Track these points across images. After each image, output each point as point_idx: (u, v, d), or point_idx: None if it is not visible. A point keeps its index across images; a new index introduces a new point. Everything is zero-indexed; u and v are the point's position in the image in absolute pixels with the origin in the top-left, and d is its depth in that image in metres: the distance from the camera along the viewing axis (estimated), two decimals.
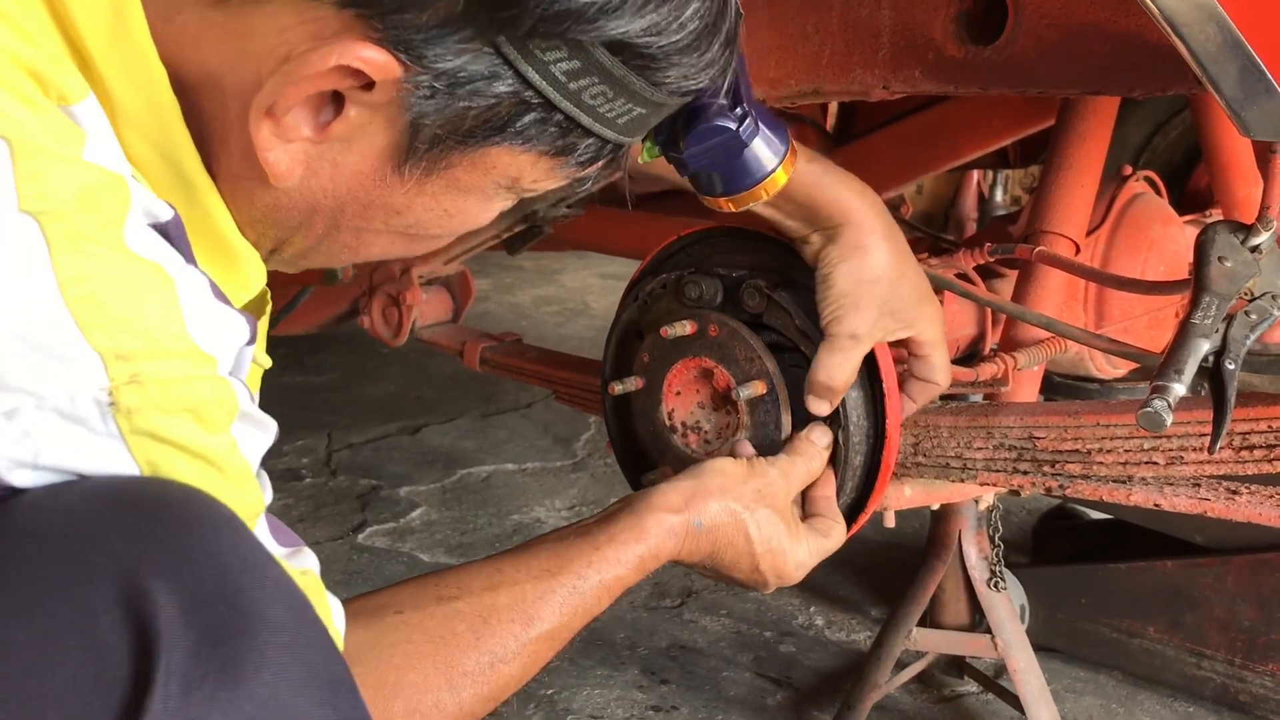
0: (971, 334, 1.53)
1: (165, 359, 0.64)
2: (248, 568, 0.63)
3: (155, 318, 0.64)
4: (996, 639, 1.64)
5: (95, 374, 0.61)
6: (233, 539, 0.64)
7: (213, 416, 0.67)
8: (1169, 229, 1.69)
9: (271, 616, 0.61)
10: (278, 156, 0.72)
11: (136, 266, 0.64)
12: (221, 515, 0.65)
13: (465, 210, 0.81)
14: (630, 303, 1.32)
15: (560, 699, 1.85)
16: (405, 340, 1.87)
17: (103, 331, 0.61)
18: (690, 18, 0.73)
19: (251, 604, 0.61)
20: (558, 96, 0.73)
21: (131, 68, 0.68)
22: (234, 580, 0.61)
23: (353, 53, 0.67)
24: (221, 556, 0.62)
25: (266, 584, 0.63)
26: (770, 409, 1.19)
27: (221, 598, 0.60)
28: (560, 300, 4.71)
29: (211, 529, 0.63)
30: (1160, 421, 1.04)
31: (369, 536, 2.47)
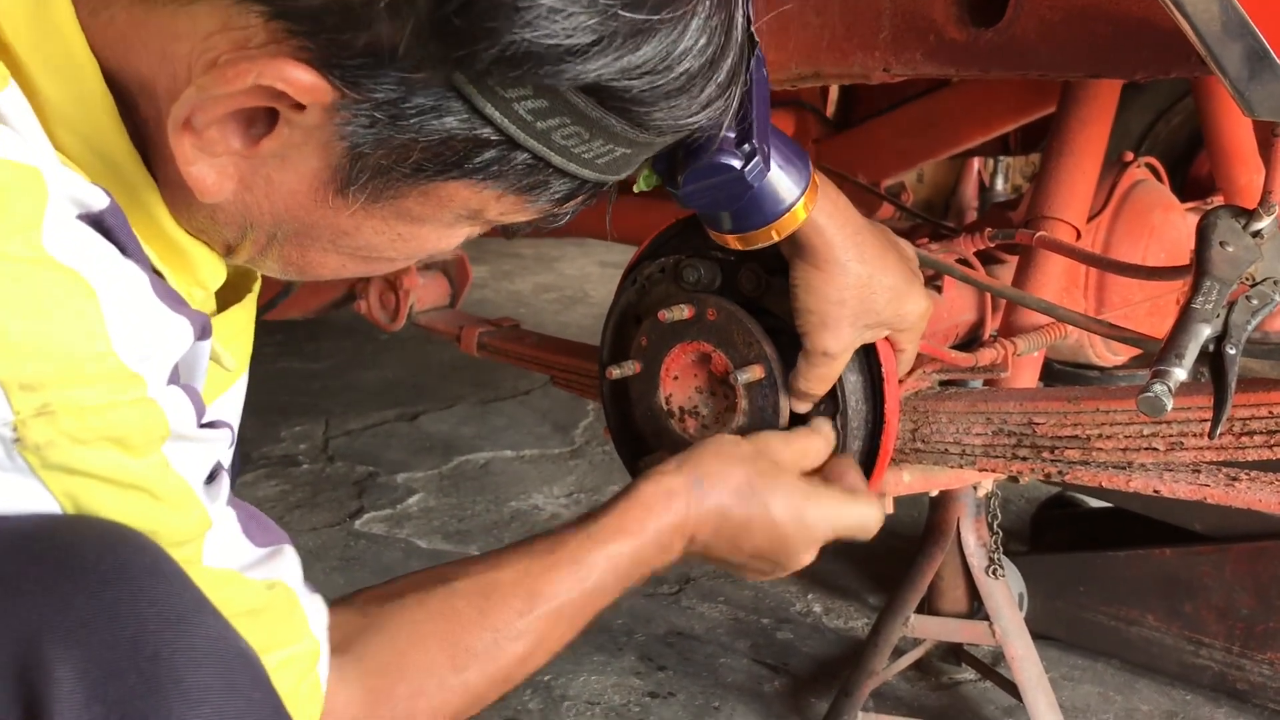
0: (971, 319, 1.52)
1: (81, 385, 0.58)
2: (169, 625, 0.57)
3: (71, 337, 0.58)
4: (994, 626, 1.63)
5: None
6: (156, 590, 0.58)
7: (138, 441, 0.61)
8: (1170, 215, 1.68)
9: (193, 684, 0.56)
10: (202, 171, 0.65)
11: (50, 277, 0.58)
12: (147, 562, 0.59)
13: (421, 236, 0.73)
14: (628, 287, 1.31)
15: (557, 685, 1.85)
16: (402, 325, 1.87)
17: (6, 361, 0.55)
18: (683, 55, 0.64)
19: (169, 671, 0.55)
20: (522, 136, 0.64)
21: (55, 58, 0.63)
22: (150, 643, 0.55)
23: (277, 72, 0.60)
24: (141, 614, 0.56)
25: (193, 644, 0.57)
26: (768, 393, 1.18)
27: (134, 666, 0.54)
28: (559, 287, 4.70)
29: (132, 581, 0.57)
30: (1161, 406, 1.04)
31: (366, 523, 2.46)
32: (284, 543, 0.78)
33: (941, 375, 1.35)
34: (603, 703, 1.81)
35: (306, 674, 0.75)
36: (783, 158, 0.98)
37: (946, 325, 1.49)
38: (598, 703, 1.81)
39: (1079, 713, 1.79)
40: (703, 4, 0.64)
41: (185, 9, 0.62)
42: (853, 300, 1.08)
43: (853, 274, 1.07)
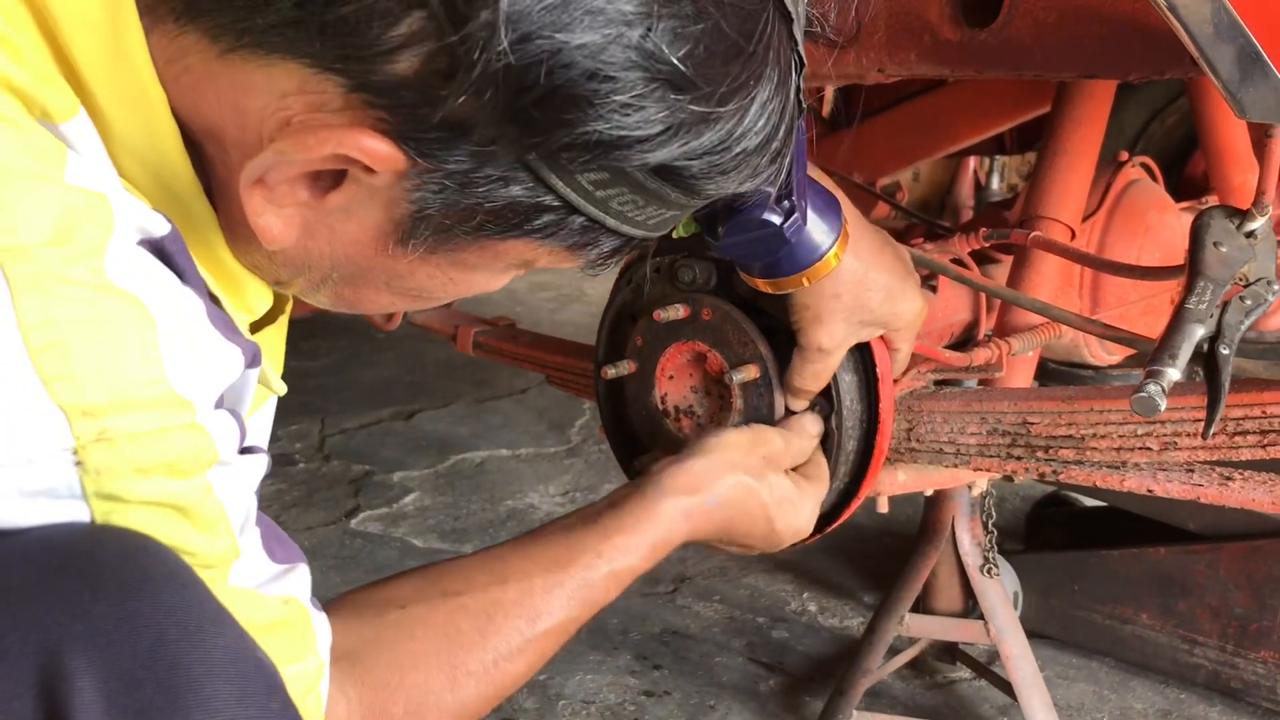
0: (966, 319, 1.53)
1: (136, 411, 0.59)
2: (188, 635, 0.57)
3: (129, 364, 0.59)
4: (989, 625, 1.63)
5: (59, 433, 0.57)
6: (175, 600, 0.58)
7: (187, 466, 0.62)
8: (1165, 215, 1.68)
9: (210, 694, 0.56)
10: (269, 221, 0.68)
11: (113, 304, 0.59)
12: (166, 571, 0.60)
13: (473, 281, 0.77)
14: (623, 286, 1.31)
15: (552, 685, 1.85)
16: (398, 324, 1.86)
17: (68, 384, 0.57)
18: (742, 137, 0.68)
19: (188, 681, 0.56)
20: (582, 204, 0.68)
21: (127, 90, 0.65)
22: (169, 652, 0.56)
23: (355, 142, 0.62)
24: (160, 623, 0.56)
25: (210, 653, 0.58)
26: (763, 392, 1.19)
27: (152, 676, 0.54)
28: (556, 286, 4.70)
29: (151, 591, 0.57)
30: (1154, 406, 1.04)
31: (362, 522, 2.46)
32: (300, 560, 0.79)
33: (936, 375, 1.35)
34: (598, 701, 1.81)
35: (311, 690, 0.76)
36: (817, 209, 1.01)
37: (941, 325, 1.49)
38: (593, 701, 1.81)
39: (1074, 711, 1.79)
40: (764, 88, 0.67)
41: (262, 68, 0.63)
42: (847, 296, 1.09)
43: (847, 270, 1.07)
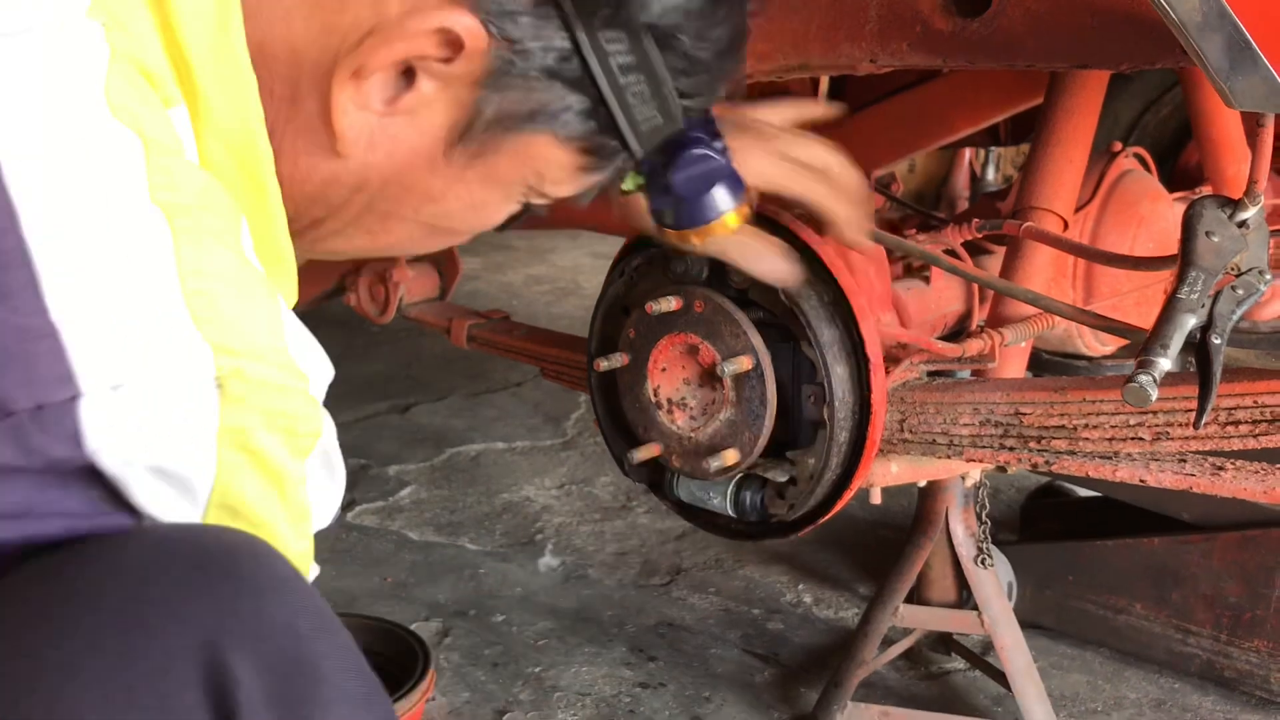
0: (959, 310, 1.53)
1: (266, 364, 0.64)
2: (319, 634, 0.61)
3: (261, 324, 0.65)
4: (983, 616, 1.64)
5: (204, 363, 0.61)
6: (302, 601, 0.62)
7: (300, 434, 0.67)
8: (1158, 206, 1.68)
9: (347, 690, 0.60)
10: (350, 122, 0.74)
11: (250, 273, 0.66)
12: (288, 573, 0.63)
13: (490, 205, 0.83)
14: (616, 278, 1.31)
15: (548, 676, 1.85)
16: (392, 318, 1.86)
17: (215, 326, 0.62)
18: (723, 20, 0.79)
19: (328, 674, 0.60)
20: (608, 88, 0.76)
21: (228, 76, 0.69)
22: (309, 650, 0.60)
23: (452, 17, 0.70)
24: (295, 623, 0.60)
25: (339, 652, 0.62)
26: (756, 385, 1.19)
27: (299, 670, 0.58)
28: (551, 279, 4.70)
29: (282, 591, 0.62)
30: (1145, 396, 1.04)
31: (358, 515, 2.46)
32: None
33: (929, 366, 1.35)
34: (594, 693, 1.81)
35: None
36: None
37: (934, 316, 1.49)
38: (589, 693, 1.81)
39: (1067, 701, 1.80)
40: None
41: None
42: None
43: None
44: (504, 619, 2.04)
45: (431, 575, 2.20)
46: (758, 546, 2.30)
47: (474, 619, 2.04)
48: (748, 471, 1.26)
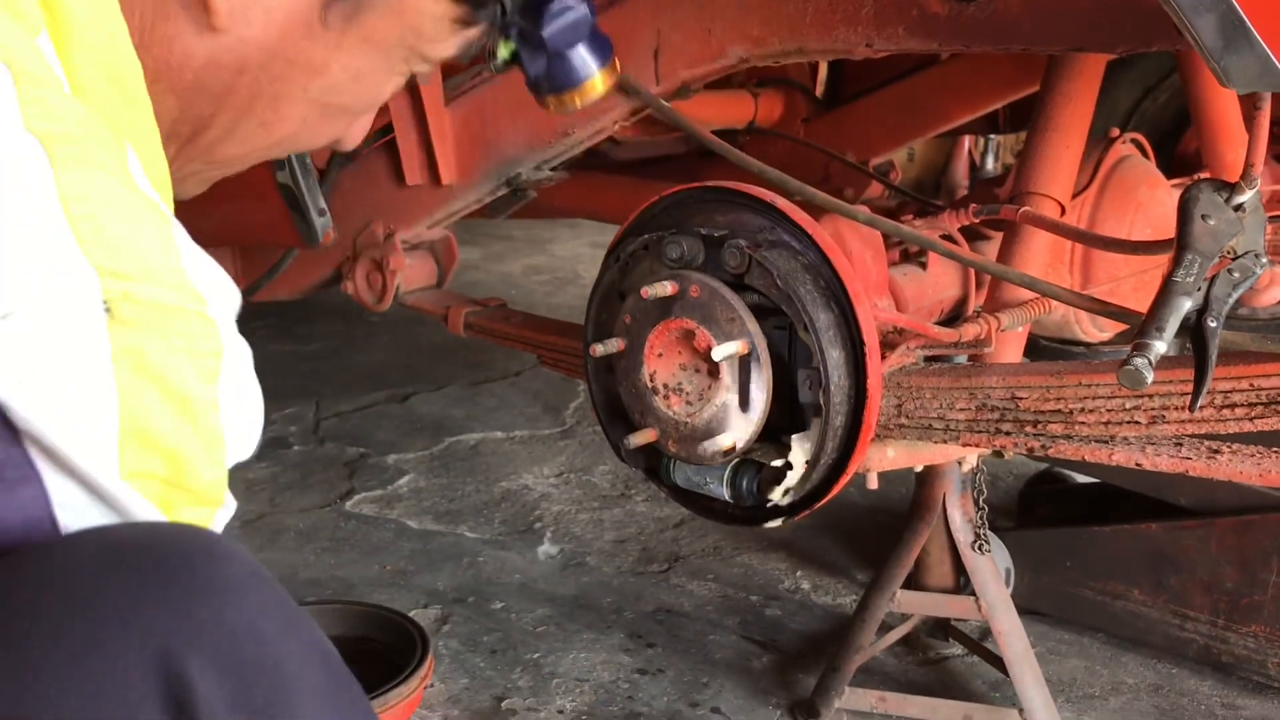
0: (955, 295, 1.53)
1: (158, 286, 0.63)
2: (282, 633, 0.59)
3: (151, 246, 0.63)
4: (980, 601, 1.64)
5: (91, 288, 0.60)
6: (262, 600, 0.60)
7: (200, 355, 0.65)
8: (1156, 192, 1.68)
9: (312, 685, 0.59)
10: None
11: (138, 198, 0.65)
12: (246, 570, 0.61)
13: (374, 74, 0.84)
14: (612, 264, 1.31)
15: (546, 663, 1.86)
16: (389, 306, 1.86)
17: (101, 250, 0.60)
18: None
19: (292, 674, 0.58)
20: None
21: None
22: (273, 651, 0.58)
23: None
24: (257, 624, 0.58)
25: (305, 650, 0.60)
26: (751, 369, 1.19)
27: (263, 673, 0.57)
28: (550, 269, 4.69)
29: (241, 590, 0.59)
30: (1141, 379, 1.04)
31: (356, 504, 2.47)
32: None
33: (926, 351, 1.35)
34: (592, 679, 1.81)
35: None
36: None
37: (931, 301, 1.49)
38: (587, 679, 1.81)
39: (1065, 686, 1.80)
40: None
41: None
42: None
43: None
44: (503, 606, 2.04)
45: (430, 563, 2.20)
46: (756, 533, 2.30)
47: (473, 606, 2.04)
48: (744, 456, 1.26)
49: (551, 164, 1.65)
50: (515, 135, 1.61)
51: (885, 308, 1.38)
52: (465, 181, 1.68)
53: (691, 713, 1.73)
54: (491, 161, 1.65)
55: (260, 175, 1.63)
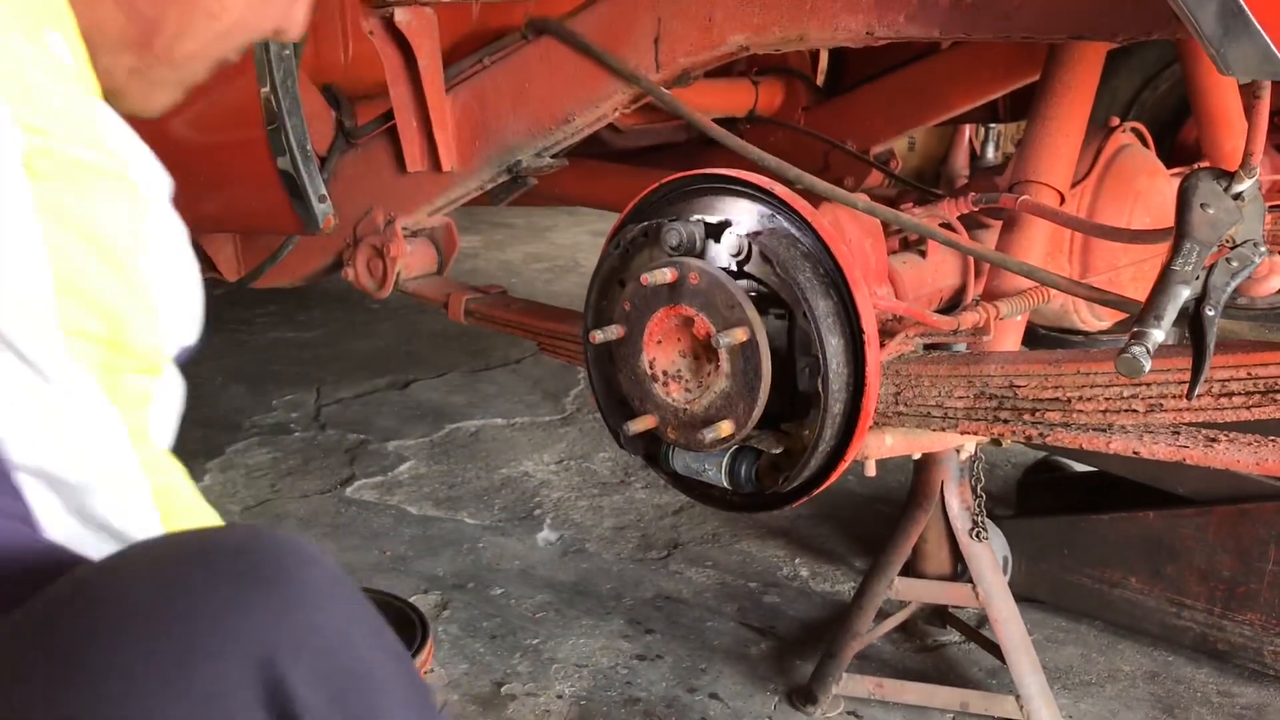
0: (954, 284, 1.53)
1: (78, 143, 0.64)
2: (371, 640, 0.60)
3: (71, 108, 0.65)
4: (978, 588, 1.65)
5: (11, 138, 0.61)
6: (351, 607, 0.60)
7: (122, 215, 0.66)
8: (1156, 181, 1.68)
9: (400, 693, 0.59)
10: None
11: (60, 64, 0.66)
12: (334, 576, 0.61)
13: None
14: (612, 251, 1.32)
15: (545, 648, 1.86)
16: (390, 292, 1.86)
17: (22, 105, 0.61)
18: None
19: (382, 681, 0.58)
20: None
21: None
22: (364, 658, 0.58)
23: None
24: (348, 631, 0.58)
25: (392, 659, 0.61)
26: (751, 357, 1.19)
27: (356, 681, 0.57)
28: (550, 257, 4.70)
29: (331, 598, 0.59)
30: (1139, 367, 1.04)
31: (357, 490, 2.47)
32: None
33: (924, 339, 1.36)
34: (591, 665, 1.82)
35: None
36: None
37: (930, 290, 1.50)
38: (586, 665, 1.82)
39: (1062, 674, 1.81)
40: None
41: None
42: None
43: None
44: (502, 592, 2.05)
45: (430, 549, 2.21)
46: (754, 521, 2.31)
47: (472, 592, 2.05)
48: (743, 444, 1.26)
49: (552, 151, 1.65)
50: (516, 122, 1.61)
51: (884, 295, 1.38)
52: (466, 168, 1.68)
53: (689, 698, 1.74)
54: (492, 148, 1.65)
55: (261, 162, 1.63)
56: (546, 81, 1.56)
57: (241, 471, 2.56)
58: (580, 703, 1.72)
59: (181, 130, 1.71)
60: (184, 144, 1.71)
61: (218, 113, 1.68)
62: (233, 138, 1.67)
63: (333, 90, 1.79)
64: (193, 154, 1.72)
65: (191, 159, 1.72)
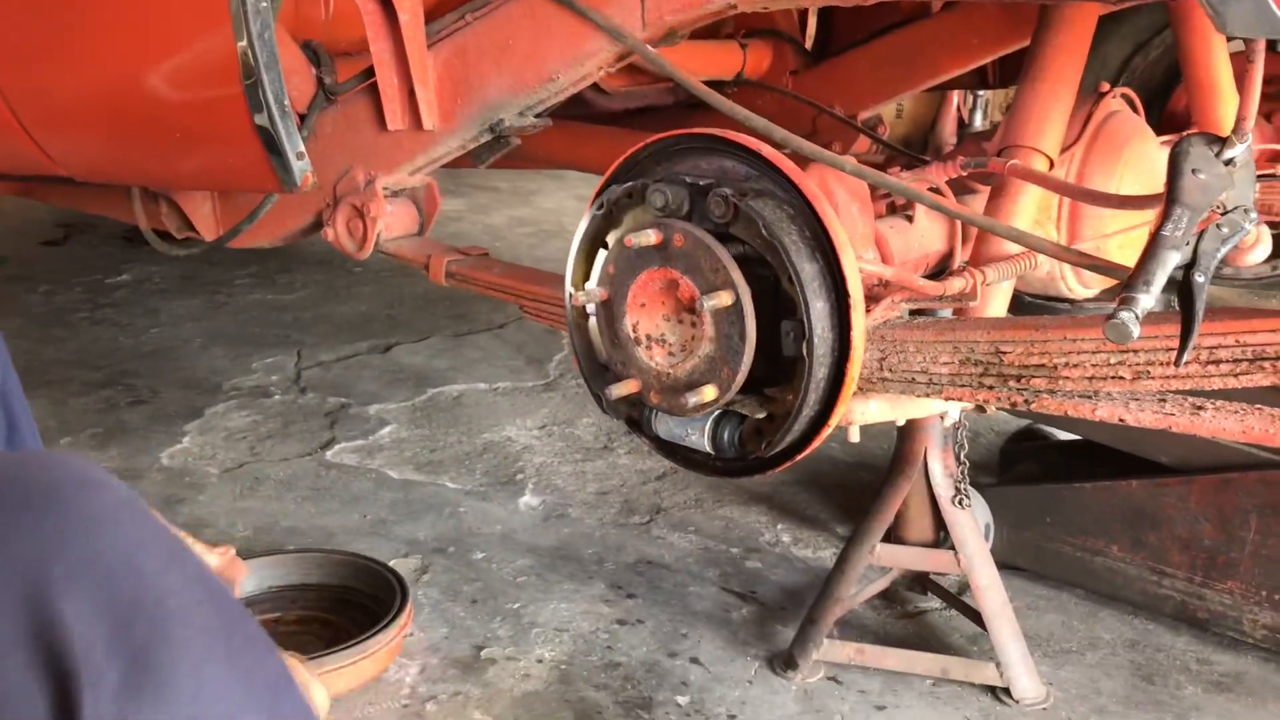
0: (941, 250, 1.51)
1: None
2: (163, 568, 0.54)
3: None
4: (960, 555, 1.64)
5: None
6: (139, 530, 0.54)
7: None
8: (1145, 148, 1.67)
9: (199, 623, 0.53)
10: None
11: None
12: (122, 500, 0.55)
13: None
14: (595, 212, 1.29)
15: (526, 613, 1.86)
16: (370, 253, 1.84)
17: None
18: None
19: (175, 611, 0.53)
20: None
21: None
22: (152, 587, 0.53)
23: None
24: (135, 558, 0.53)
25: (188, 584, 0.54)
26: (735, 320, 1.17)
27: (142, 610, 0.52)
28: (535, 221, 4.66)
29: (115, 522, 0.54)
30: (1127, 333, 1.03)
31: (337, 453, 2.45)
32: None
33: (910, 304, 1.34)
34: (571, 629, 1.82)
35: None
36: None
37: (916, 255, 1.48)
38: (567, 629, 1.82)
39: (1042, 641, 1.81)
40: None
41: None
42: None
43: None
44: (484, 556, 2.04)
45: (411, 513, 2.20)
46: (737, 487, 2.30)
47: (453, 556, 2.04)
48: (726, 408, 1.25)
49: (536, 110, 1.62)
50: (499, 80, 1.58)
51: (871, 260, 1.37)
52: (448, 126, 1.65)
53: (670, 663, 1.74)
54: (475, 106, 1.62)
55: (239, 118, 1.60)
56: (530, 38, 1.53)
57: (221, 434, 2.54)
58: (561, 667, 1.72)
59: (158, 86, 1.67)
60: (161, 100, 1.68)
61: (194, 68, 1.64)
62: (210, 94, 1.64)
63: (313, 46, 1.76)
64: (169, 110, 1.69)
65: (168, 115, 1.69)
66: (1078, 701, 1.67)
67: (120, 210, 2.13)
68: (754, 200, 1.17)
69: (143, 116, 1.71)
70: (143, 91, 1.66)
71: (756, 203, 1.16)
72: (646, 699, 1.65)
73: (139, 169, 1.91)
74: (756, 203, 1.16)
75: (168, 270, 3.72)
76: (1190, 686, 1.71)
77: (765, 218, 1.15)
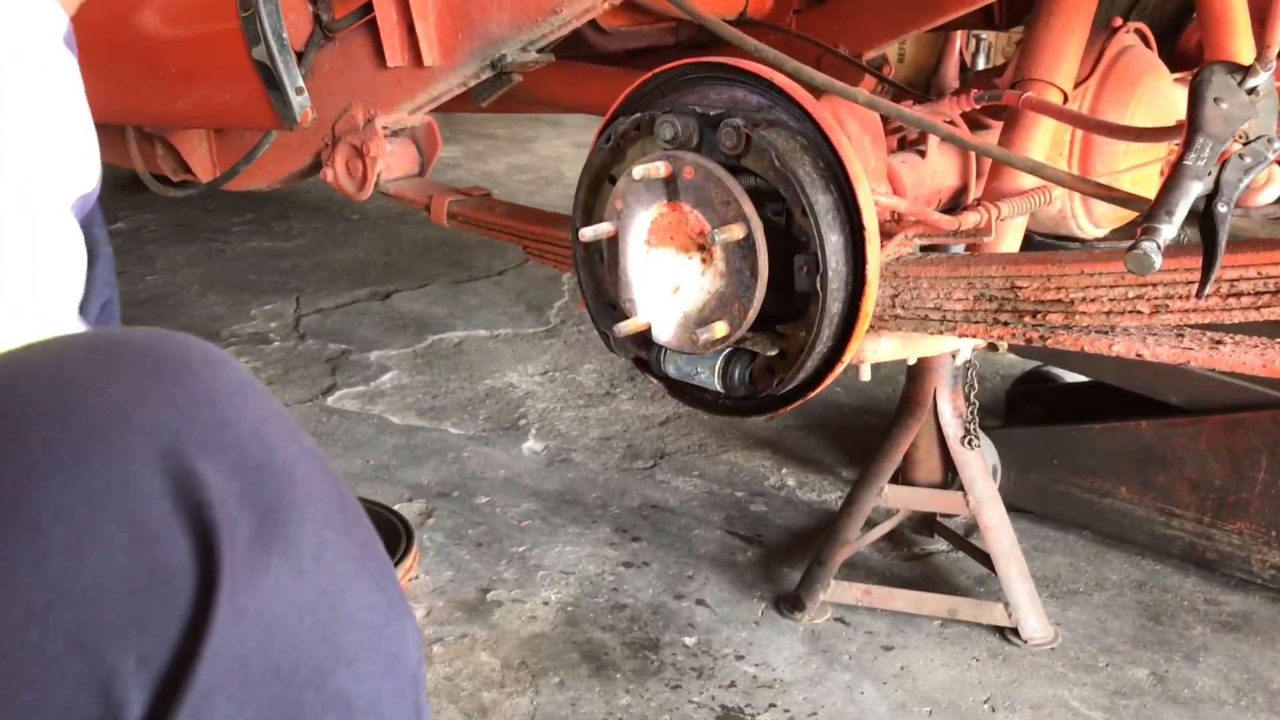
0: (954, 185, 1.49)
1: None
2: (287, 439, 0.57)
3: None
4: (968, 496, 1.63)
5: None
6: (263, 406, 0.58)
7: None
8: (1158, 82, 1.64)
9: (320, 492, 0.57)
10: None
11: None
12: (246, 378, 0.59)
13: None
14: (602, 145, 1.27)
15: (531, 555, 1.85)
16: (370, 194, 1.81)
17: None
18: None
19: (301, 477, 0.56)
20: None
21: None
22: (279, 454, 0.56)
23: None
24: (261, 429, 0.56)
25: (308, 456, 0.58)
26: (747, 254, 1.15)
27: (270, 473, 0.55)
28: (534, 168, 4.62)
29: (241, 395, 0.57)
30: (1149, 263, 1.01)
31: (339, 399, 2.44)
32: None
33: (924, 240, 1.32)
34: (577, 572, 1.81)
35: None
36: None
37: (929, 190, 1.46)
38: (572, 572, 1.81)
39: (1049, 582, 1.81)
40: None
41: None
42: None
43: None
44: (488, 500, 2.03)
45: (414, 458, 2.18)
46: (741, 431, 2.29)
47: (457, 500, 2.03)
48: (737, 345, 1.23)
49: (538, 45, 1.59)
50: (500, 14, 1.55)
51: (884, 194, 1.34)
52: (448, 63, 1.61)
53: (676, 605, 1.73)
54: (476, 42, 1.58)
55: (236, 53, 1.56)
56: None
57: None
58: (567, 609, 1.71)
59: (153, 23, 1.63)
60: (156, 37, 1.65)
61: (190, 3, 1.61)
62: (206, 29, 1.60)
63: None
64: (165, 47, 1.65)
65: (164, 52, 1.65)
66: (1086, 641, 1.67)
67: (115, 154, 2.10)
68: (766, 130, 1.14)
69: (138, 53, 1.67)
70: (137, 27, 1.63)
71: (769, 133, 1.14)
72: (653, 640, 1.65)
73: (134, 108, 1.88)
74: (769, 133, 1.14)
75: (163, 217, 3.68)
76: (1198, 626, 1.71)
77: (778, 148, 1.12)
